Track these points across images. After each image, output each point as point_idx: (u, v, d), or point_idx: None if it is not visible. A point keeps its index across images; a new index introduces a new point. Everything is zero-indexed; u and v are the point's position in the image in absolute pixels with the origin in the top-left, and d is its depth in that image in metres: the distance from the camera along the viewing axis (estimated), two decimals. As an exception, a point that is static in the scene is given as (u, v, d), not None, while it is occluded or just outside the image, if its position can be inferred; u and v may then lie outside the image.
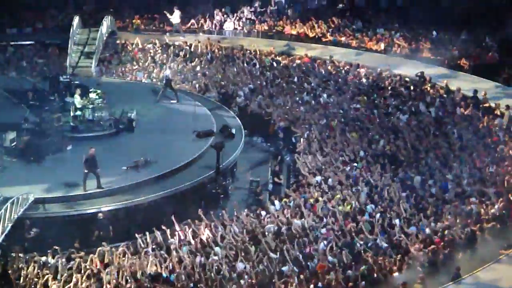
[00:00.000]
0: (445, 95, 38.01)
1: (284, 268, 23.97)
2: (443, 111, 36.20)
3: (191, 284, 23.49)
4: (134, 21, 50.96)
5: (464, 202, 27.40)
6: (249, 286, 23.18)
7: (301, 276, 23.30)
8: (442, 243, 24.48)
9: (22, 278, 24.11)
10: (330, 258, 24.39)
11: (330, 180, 30.41)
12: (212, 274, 23.74)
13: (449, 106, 36.65)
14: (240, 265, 24.37)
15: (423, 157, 31.62)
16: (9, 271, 24.32)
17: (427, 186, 29.28)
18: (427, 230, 25.51)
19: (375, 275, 23.17)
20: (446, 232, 25.13)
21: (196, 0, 52.03)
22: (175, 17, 49.30)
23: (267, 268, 23.98)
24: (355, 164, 31.54)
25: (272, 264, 24.24)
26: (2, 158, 31.20)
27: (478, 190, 28.26)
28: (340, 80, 41.39)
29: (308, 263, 24.30)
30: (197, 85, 42.55)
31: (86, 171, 29.04)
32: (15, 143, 31.80)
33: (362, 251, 24.56)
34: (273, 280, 23.20)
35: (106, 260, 25.18)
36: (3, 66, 44.99)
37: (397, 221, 26.57)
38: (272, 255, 24.82)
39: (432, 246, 24.30)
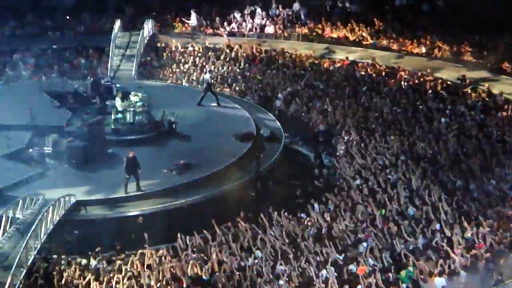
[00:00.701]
0: (487, 99, 37.69)
1: (324, 271, 23.91)
2: (485, 114, 35.90)
3: (231, 287, 23.52)
4: (175, 24, 51.23)
5: (507, 206, 27.15)
6: (289, 289, 23.17)
7: (341, 280, 23.25)
8: (484, 248, 24.26)
9: (64, 280, 24.31)
10: (370, 261, 24.30)
11: (370, 183, 30.32)
12: (253, 277, 23.75)
13: (491, 109, 36.34)
14: (280, 268, 24.35)
15: (465, 161, 31.36)
16: (51, 273, 24.54)
17: (469, 190, 29.04)
18: (469, 235, 25.31)
19: (416, 278, 23.03)
20: (488, 236, 24.90)
21: (236, 3, 52.27)
22: (193, 20, 49.68)
23: (306, 271, 23.94)
24: (395, 168, 31.41)
25: (311, 267, 24.18)
26: (44, 161, 31.52)
27: (521, 195, 28.05)
28: (380, 83, 41.23)
29: (348, 266, 24.22)
30: (237, 88, 42.63)
31: (127, 173, 29.24)
32: (57, 146, 32.08)
33: (403, 255, 24.42)
34: (313, 283, 23.15)
35: (146, 263, 25.29)
36: (45, 69, 45.41)
37: (438, 225, 26.39)
38: (311, 258, 24.76)
39: (474, 251, 24.09)
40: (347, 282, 23.16)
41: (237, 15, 51.51)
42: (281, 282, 23.39)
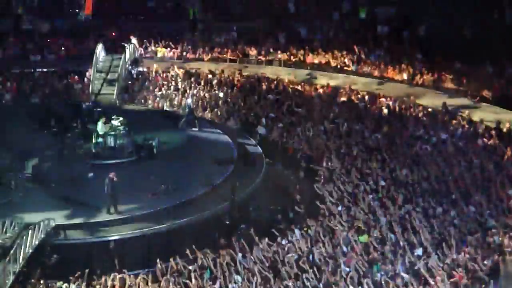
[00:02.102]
0: (467, 126, 37.84)
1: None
2: (466, 142, 36.02)
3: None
4: (159, 48, 51.30)
5: (487, 234, 27.19)
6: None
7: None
8: (464, 275, 24.26)
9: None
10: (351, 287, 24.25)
11: (351, 209, 30.29)
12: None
13: (472, 137, 36.48)
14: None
15: (445, 188, 31.41)
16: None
17: (449, 217, 29.06)
18: (449, 261, 25.31)
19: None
20: (468, 263, 24.91)
21: (220, 29, 52.63)
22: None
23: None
24: (376, 194, 31.43)
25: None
26: (24, 185, 31.34)
27: (501, 222, 28.06)
28: (361, 109, 41.34)
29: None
30: (218, 113, 42.61)
31: (109, 195, 29.11)
32: (37, 169, 31.93)
33: (383, 281, 24.37)
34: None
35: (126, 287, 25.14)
36: (26, 92, 45.27)
37: (418, 251, 26.38)
38: (291, 284, 24.66)
39: (454, 279, 24.08)
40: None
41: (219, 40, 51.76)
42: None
